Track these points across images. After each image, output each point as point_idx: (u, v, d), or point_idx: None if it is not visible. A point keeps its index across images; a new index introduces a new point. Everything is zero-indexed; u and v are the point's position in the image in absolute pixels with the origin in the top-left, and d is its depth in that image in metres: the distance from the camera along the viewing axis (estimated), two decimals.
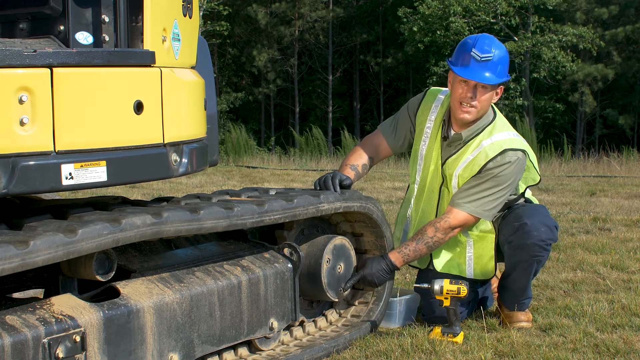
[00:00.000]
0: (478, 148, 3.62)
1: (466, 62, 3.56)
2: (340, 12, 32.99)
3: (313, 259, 3.39)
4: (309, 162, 15.58)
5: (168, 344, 2.68)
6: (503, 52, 3.60)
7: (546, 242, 3.64)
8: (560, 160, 14.69)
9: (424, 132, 3.79)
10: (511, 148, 3.59)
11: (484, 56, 3.53)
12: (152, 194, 8.81)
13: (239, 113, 33.05)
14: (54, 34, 2.53)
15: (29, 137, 2.31)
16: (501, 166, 3.57)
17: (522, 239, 3.61)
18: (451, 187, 3.71)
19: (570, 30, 26.72)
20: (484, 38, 3.62)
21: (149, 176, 2.73)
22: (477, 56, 3.53)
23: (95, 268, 2.54)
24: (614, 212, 7.36)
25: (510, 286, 3.76)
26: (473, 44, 3.57)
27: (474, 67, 3.54)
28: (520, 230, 3.62)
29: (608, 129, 29.74)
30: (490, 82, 3.54)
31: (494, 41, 3.61)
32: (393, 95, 34.09)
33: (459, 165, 3.66)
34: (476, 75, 3.53)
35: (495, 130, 3.65)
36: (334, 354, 3.36)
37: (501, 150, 3.57)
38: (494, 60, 3.54)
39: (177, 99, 2.76)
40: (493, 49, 3.56)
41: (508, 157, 3.57)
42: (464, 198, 3.62)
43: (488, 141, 3.61)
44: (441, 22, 27.32)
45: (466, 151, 3.65)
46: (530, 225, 3.61)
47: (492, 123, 3.67)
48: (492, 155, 3.58)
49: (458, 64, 3.59)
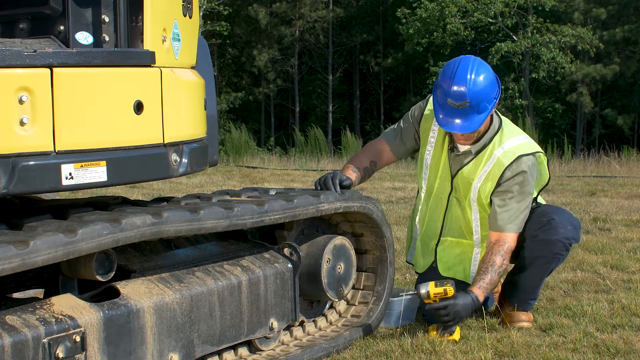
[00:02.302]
0: (492, 159, 3.62)
1: (448, 112, 3.49)
2: (341, 12, 33.00)
3: (313, 259, 3.39)
4: (309, 162, 15.58)
5: (168, 344, 2.69)
6: (481, 84, 3.45)
7: (570, 241, 3.68)
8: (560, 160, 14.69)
9: (429, 140, 3.79)
10: (524, 153, 3.60)
11: (461, 103, 3.44)
12: (152, 194, 8.81)
13: (239, 113, 33.05)
14: (54, 34, 2.53)
15: (29, 137, 2.31)
16: (519, 175, 3.59)
17: (549, 235, 3.63)
18: (468, 198, 3.70)
19: (569, 31, 26.72)
20: (459, 76, 3.45)
21: (149, 176, 2.73)
22: (454, 104, 3.46)
23: (95, 268, 2.54)
24: (614, 212, 7.36)
25: (522, 283, 3.75)
26: (448, 90, 3.46)
27: (454, 116, 3.47)
28: (548, 225, 3.64)
29: (607, 129, 29.74)
30: (475, 128, 3.50)
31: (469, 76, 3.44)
32: (393, 95, 34.09)
33: (477, 179, 3.65)
34: (460, 127, 3.48)
35: (504, 138, 3.65)
36: (334, 354, 3.36)
37: (515, 157, 3.58)
38: (472, 104, 3.44)
39: (177, 99, 2.76)
40: (468, 89, 3.42)
41: (523, 163, 3.59)
42: (505, 221, 3.61)
43: (500, 150, 3.62)
44: (438, 23, 27.33)
45: (480, 163, 3.65)
46: (558, 221, 3.64)
47: (500, 131, 3.66)
48: (507, 163, 3.59)
49: (440, 115, 3.51)
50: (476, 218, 3.72)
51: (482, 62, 3.57)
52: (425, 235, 3.86)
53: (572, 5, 28.21)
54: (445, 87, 3.49)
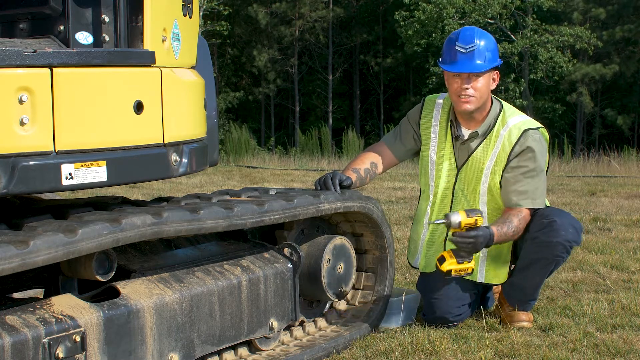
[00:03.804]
0: (499, 139, 3.68)
1: (453, 57, 3.63)
2: (341, 12, 33.00)
3: (313, 259, 3.39)
4: (309, 162, 15.58)
5: (168, 344, 2.69)
6: (488, 39, 3.67)
7: (570, 244, 3.66)
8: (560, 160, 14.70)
9: (431, 138, 3.81)
10: (530, 127, 3.67)
11: (469, 47, 3.60)
12: (152, 194, 8.81)
13: (239, 113, 33.05)
14: (54, 34, 2.53)
15: (29, 137, 2.31)
16: (527, 149, 3.64)
17: (549, 237, 3.62)
18: (479, 187, 3.71)
19: (567, 30, 26.71)
20: (466, 30, 3.70)
21: (149, 176, 2.73)
22: (462, 48, 3.61)
23: (95, 268, 2.54)
24: (614, 212, 7.37)
25: (522, 283, 3.74)
26: (456, 38, 3.66)
27: (461, 60, 3.61)
28: (549, 227, 3.63)
29: (607, 129, 29.75)
30: (479, 69, 3.60)
31: (476, 31, 3.69)
32: (393, 95, 34.09)
33: (487, 161, 3.69)
34: (465, 66, 3.61)
35: (507, 117, 3.72)
36: (334, 354, 3.36)
37: (521, 132, 3.65)
38: (480, 49, 3.61)
39: (177, 99, 2.76)
40: (476, 38, 3.62)
41: (530, 137, 3.64)
42: (521, 196, 3.65)
43: (505, 129, 3.68)
44: (437, 24, 27.34)
45: (489, 145, 3.70)
46: (560, 223, 3.63)
47: (502, 112, 3.74)
48: (514, 139, 3.65)
49: (447, 61, 3.66)
50: (484, 211, 3.71)
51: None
52: (432, 233, 3.84)
53: (571, 5, 28.20)
54: (453, 37, 3.67)
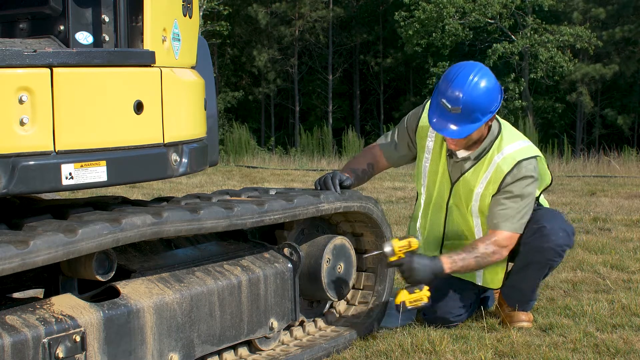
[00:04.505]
0: (492, 165, 3.58)
1: (439, 110, 3.45)
2: (341, 12, 32.98)
3: (313, 259, 3.39)
4: (309, 162, 15.58)
5: (168, 344, 2.68)
6: (478, 94, 3.39)
7: (562, 248, 3.64)
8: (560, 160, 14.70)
9: (426, 148, 3.76)
10: (524, 158, 3.56)
11: (453, 108, 3.39)
12: (152, 194, 8.81)
13: (239, 113, 33.04)
14: (54, 34, 2.53)
15: (29, 137, 2.31)
16: (520, 180, 3.54)
17: (540, 242, 3.60)
18: (470, 207, 3.67)
19: (567, 30, 26.70)
20: (459, 81, 3.40)
21: (149, 176, 2.73)
22: (447, 106, 3.41)
23: (95, 268, 2.54)
24: (614, 212, 7.36)
25: (518, 285, 3.74)
26: (444, 90, 3.43)
27: (446, 118, 3.44)
28: (539, 233, 3.60)
29: (607, 129, 29.74)
30: (462, 135, 3.45)
31: (467, 84, 3.39)
32: (393, 95, 34.08)
33: (478, 186, 3.62)
34: (448, 131, 3.45)
35: (503, 143, 3.59)
36: (334, 354, 3.36)
37: (515, 162, 3.54)
38: (464, 112, 3.39)
39: (177, 99, 2.76)
40: (464, 95, 3.37)
41: (524, 168, 3.54)
42: (500, 218, 3.55)
43: (499, 156, 3.57)
44: (437, 24, 27.33)
45: (481, 169, 3.61)
46: (549, 229, 3.60)
47: (499, 136, 3.61)
48: (507, 169, 3.54)
49: (433, 109, 3.48)
50: (477, 224, 3.70)
51: (488, 71, 3.50)
52: (427, 242, 3.84)
53: (571, 5, 28.19)
54: (443, 88, 3.46)
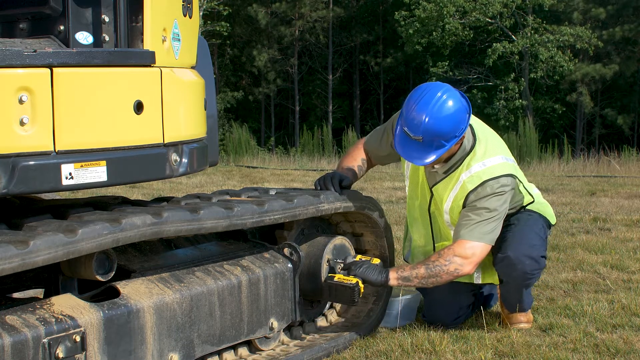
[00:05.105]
0: (458, 183, 3.51)
1: (401, 136, 3.38)
2: (341, 12, 32.98)
3: (313, 259, 3.39)
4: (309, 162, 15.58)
5: (168, 344, 2.68)
6: (440, 121, 3.27)
7: (531, 274, 3.57)
8: (560, 160, 14.71)
9: None
10: (491, 177, 3.45)
11: (415, 137, 3.31)
12: (152, 194, 8.81)
13: (239, 113, 33.04)
14: (54, 34, 2.53)
15: (29, 137, 2.31)
16: (483, 198, 3.44)
17: (507, 270, 3.56)
18: (442, 217, 3.65)
19: (568, 30, 26.70)
20: (420, 107, 3.28)
21: (149, 176, 2.73)
22: (409, 134, 3.33)
23: (95, 268, 2.54)
24: (614, 212, 7.37)
25: (506, 295, 3.74)
26: (406, 116, 3.32)
27: (408, 145, 3.36)
28: (504, 262, 3.54)
29: (607, 129, 29.74)
30: (422, 164, 3.37)
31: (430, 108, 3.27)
32: (393, 95, 34.08)
33: (446, 201, 3.58)
34: (410, 157, 3.39)
35: (474, 160, 3.49)
36: (334, 354, 3.36)
37: (480, 182, 3.45)
38: (425, 140, 3.29)
39: (177, 99, 2.76)
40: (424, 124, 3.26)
41: (489, 187, 3.44)
42: (461, 229, 3.47)
43: (467, 174, 3.49)
44: (437, 23, 27.33)
45: (449, 184, 3.54)
46: (514, 258, 3.51)
47: (471, 153, 3.50)
48: (470, 188, 3.46)
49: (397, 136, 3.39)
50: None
51: (454, 94, 3.34)
52: (418, 242, 3.83)
53: (571, 5, 28.19)
54: (405, 113, 3.35)
